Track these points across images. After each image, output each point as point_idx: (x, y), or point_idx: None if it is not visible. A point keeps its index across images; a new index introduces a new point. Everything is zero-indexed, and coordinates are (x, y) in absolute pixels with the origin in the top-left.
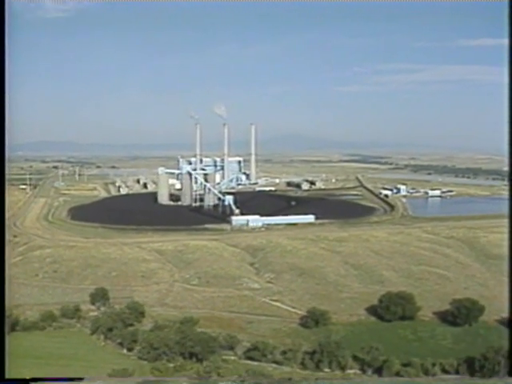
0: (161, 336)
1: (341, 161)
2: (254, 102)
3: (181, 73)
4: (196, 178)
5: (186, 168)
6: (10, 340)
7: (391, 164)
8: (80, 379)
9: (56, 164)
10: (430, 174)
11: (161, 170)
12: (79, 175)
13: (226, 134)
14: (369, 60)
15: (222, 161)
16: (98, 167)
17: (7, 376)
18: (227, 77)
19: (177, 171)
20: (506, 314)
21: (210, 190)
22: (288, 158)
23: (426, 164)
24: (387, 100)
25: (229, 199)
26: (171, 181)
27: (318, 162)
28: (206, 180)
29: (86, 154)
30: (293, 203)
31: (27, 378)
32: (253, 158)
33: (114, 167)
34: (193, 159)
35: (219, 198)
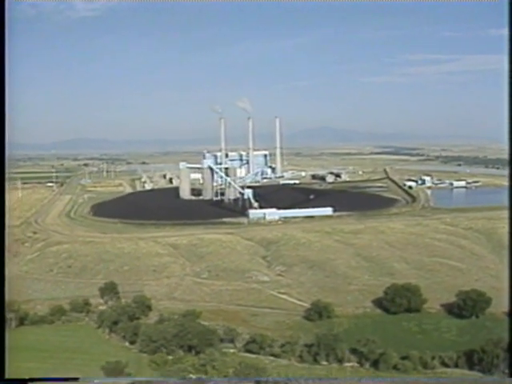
0: (160, 329)
1: (372, 153)
2: (283, 95)
3: (208, 69)
4: (217, 173)
5: (207, 162)
6: (16, 334)
7: (422, 155)
8: (77, 379)
9: (87, 161)
10: (459, 165)
11: (182, 164)
12: (107, 172)
13: (251, 128)
14: (397, 51)
15: (248, 155)
16: (129, 163)
17: (10, 369)
18: (255, 72)
19: (198, 166)
20: None
21: (230, 184)
22: (318, 151)
23: (456, 155)
24: (417, 91)
25: (248, 193)
26: (196, 175)
27: (348, 154)
28: (227, 174)
29: (118, 151)
30: (311, 197)
31: (30, 371)
32: (278, 151)
33: (144, 163)
34: (218, 154)
35: (241, 192)
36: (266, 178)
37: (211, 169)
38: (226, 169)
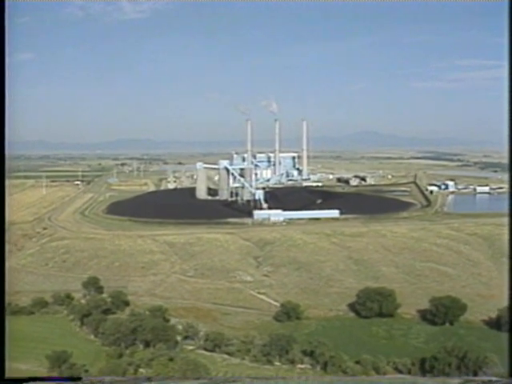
0: (118, 323)
1: (412, 158)
2: (330, 99)
3: (256, 72)
4: (232, 174)
5: (223, 163)
6: None
7: (462, 161)
8: (78, 379)
9: (126, 161)
10: (495, 171)
11: (199, 165)
12: (138, 171)
13: (277, 130)
14: (445, 56)
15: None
16: (166, 163)
17: None
18: (304, 75)
19: (215, 166)
20: (495, 314)
21: (243, 185)
22: (359, 155)
23: (496, 162)
24: (465, 96)
25: (259, 194)
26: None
27: (389, 158)
28: (243, 175)
29: (160, 152)
30: (318, 201)
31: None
32: (304, 153)
33: (180, 163)
34: (245, 155)
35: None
36: (291, 179)
37: (227, 169)
38: (242, 170)
